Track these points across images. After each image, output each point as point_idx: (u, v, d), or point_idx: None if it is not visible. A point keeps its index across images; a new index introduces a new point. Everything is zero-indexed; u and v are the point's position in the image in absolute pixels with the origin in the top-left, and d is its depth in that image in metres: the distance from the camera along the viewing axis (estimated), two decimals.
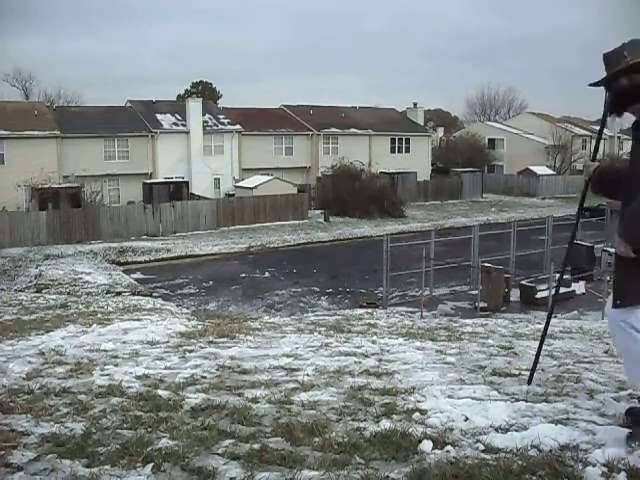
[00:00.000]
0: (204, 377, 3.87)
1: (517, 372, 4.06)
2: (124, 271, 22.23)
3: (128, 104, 39.69)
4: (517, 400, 3.23)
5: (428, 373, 3.88)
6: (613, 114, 2.99)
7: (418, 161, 44.14)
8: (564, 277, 4.04)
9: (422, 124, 49.53)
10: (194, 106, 37.52)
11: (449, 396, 3.31)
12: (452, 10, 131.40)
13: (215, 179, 37.90)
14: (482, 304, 16.83)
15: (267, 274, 22.19)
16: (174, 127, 37.31)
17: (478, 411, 2.99)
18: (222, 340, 5.48)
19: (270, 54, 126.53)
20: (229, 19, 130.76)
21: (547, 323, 3.72)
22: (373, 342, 5.50)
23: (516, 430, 2.76)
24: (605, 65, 2.86)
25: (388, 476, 2.31)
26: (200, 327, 6.44)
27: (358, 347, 5.10)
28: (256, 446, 2.59)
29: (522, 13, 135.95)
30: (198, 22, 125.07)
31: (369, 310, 14.17)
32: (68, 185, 30.60)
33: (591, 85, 2.93)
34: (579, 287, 18.83)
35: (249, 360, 4.38)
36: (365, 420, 2.96)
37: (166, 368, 4.10)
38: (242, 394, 3.42)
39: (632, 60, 2.76)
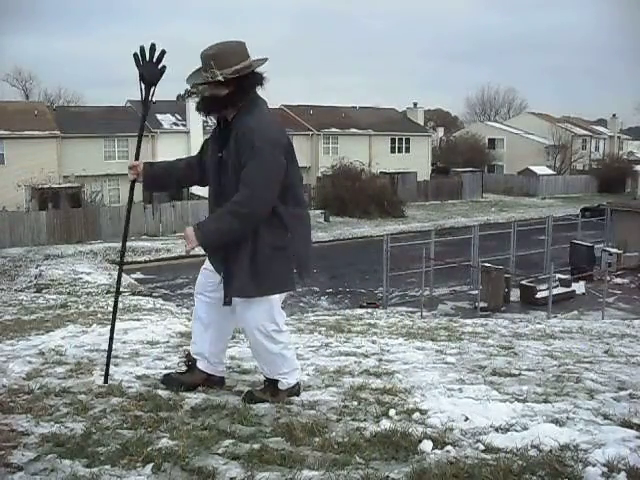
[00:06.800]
0: None
1: (517, 372, 4.07)
2: (124, 271, 22.21)
3: (128, 104, 39.64)
4: (517, 400, 3.23)
5: (428, 373, 3.88)
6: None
7: (418, 161, 44.10)
8: (564, 277, 4.04)
9: (422, 124, 49.49)
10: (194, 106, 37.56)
11: (449, 396, 3.32)
12: (452, 10, 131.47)
13: None
14: (482, 304, 16.84)
15: None
16: (174, 127, 37.30)
17: (478, 411, 2.99)
18: None
19: (270, 54, 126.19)
20: (229, 19, 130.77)
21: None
22: (373, 342, 5.50)
23: (516, 430, 2.76)
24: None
25: (388, 476, 2.31)
26: None
27: (358, 347, 5.11)
28: (256, 446, 2.59)
29: (523, 13, 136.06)
30: (198, 22, 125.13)
31: (369, 310, 14.18)
32: (68, 185, 30.60)
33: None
34: (579, 287, 18.84)
35: (249, 360, 4.37)
36: (365, 420, 2.96)
37: (166, 368, 4.09)
38: (242, 394, 3.42)
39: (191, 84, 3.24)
